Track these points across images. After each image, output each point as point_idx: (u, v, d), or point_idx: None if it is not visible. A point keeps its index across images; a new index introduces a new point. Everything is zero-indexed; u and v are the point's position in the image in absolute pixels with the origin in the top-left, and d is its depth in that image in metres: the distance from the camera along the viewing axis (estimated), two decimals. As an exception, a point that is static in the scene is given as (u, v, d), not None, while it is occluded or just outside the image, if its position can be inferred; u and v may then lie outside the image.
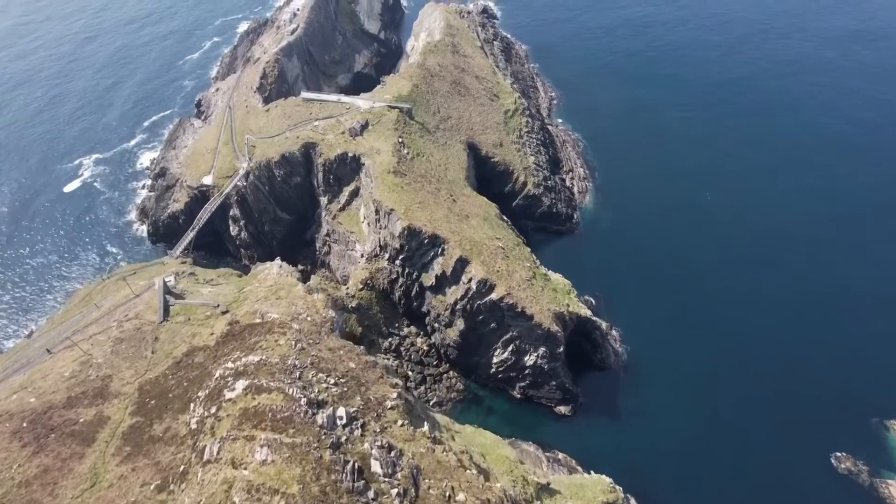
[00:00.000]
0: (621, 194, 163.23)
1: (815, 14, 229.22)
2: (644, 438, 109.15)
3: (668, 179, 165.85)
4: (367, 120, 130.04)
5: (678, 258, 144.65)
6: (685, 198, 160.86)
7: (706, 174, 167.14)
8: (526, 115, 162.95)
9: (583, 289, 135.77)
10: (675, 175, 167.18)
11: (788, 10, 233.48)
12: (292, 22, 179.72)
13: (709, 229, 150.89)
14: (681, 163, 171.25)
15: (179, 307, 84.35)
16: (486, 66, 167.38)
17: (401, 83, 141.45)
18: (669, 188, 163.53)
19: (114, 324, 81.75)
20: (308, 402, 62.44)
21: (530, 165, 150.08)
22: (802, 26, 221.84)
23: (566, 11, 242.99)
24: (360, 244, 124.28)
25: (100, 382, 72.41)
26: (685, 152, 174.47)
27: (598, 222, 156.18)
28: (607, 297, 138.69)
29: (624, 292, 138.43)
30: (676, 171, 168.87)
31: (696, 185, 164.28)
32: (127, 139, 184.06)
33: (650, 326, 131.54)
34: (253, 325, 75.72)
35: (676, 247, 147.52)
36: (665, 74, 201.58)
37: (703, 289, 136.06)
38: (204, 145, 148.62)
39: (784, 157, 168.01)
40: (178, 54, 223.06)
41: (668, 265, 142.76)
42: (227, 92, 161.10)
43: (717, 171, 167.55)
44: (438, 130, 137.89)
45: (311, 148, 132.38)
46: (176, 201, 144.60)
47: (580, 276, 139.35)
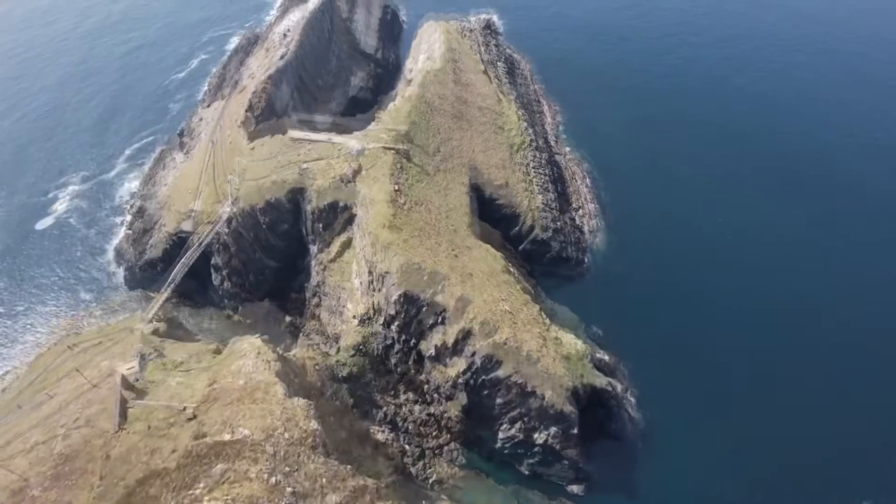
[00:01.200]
0: (634, 232, 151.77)
1: (828, 28, 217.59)
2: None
3: (683, 216, 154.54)
4: (361, 164, 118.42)
5: (698, 306, 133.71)
6: (703, 236, 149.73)
7: (724, 206, 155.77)
8: (532, 147, 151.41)
9: (595, 341, 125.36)
10: (691, 211, 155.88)
11: (803, 24, 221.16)
12: (283, 43, 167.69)
13: (732, 272, 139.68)
14: (696, 195, 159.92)
15: (139, 409, 73.14)
16: (489, 94, 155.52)
17: (398, 119, 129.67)
18: (685, 225, 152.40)
19: (61, 431, 70.60)
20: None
21: (538, 206, 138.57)
22: (816, 40, 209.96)
23: (570, 23, 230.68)
24: (351, 303, 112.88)
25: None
26: (700, 181, 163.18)
27: (610, 265, 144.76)
28: (622, 350, 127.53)
29: (640, 346, 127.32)
30: (692, 205, 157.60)
31: (713, 219, 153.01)
32: (106, 169, 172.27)
33: (668, 386, 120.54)
34: (222, 442, 64.41)
35: (695, 293, 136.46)
36: (677, 92, 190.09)
37: (727, 342, 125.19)
38: (184, 184, 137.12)
39: (816, 184, 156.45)
40: (164, 72, 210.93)
41: (687, 314, 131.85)
42: (211, 123, 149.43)
43: (736, 203, 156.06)
44: (439, 172, 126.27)
45: (299, 194, 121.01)
46: (153, 247, 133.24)
47: (592, 328, 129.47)
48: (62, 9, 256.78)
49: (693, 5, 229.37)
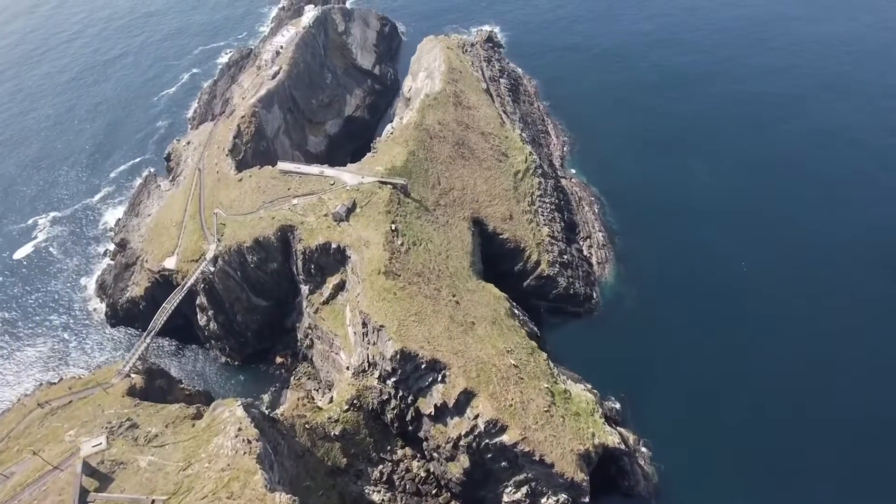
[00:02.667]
0: (645, 264, 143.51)
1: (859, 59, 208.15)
2: None
3: (696, 245, 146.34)
4: (355, 200, 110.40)
5: (712, 344, 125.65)
6: (718, 268, 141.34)
7: (741, 237, 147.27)
8: (538, 174, 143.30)
9: (605, 386, 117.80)
10: (705, 239, 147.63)
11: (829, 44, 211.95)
12: (274, 62, 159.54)
13: (747, 307, 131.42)
14: (710, 222, 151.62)
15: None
16: (492, 117, 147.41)
17: (395, 150, 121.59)
18: (699, 256, 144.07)
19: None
20: None
21: (544, 240, 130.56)
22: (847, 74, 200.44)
23: (574, 37, 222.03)
24: (345, 352, 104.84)
25: None
26: (715, 209, 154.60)
27: (620, 301, 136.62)
28: (634, 395, 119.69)
29: (652, 390, 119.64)
30: (706, 232, 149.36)
31: (729, 250, 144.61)
32: (90, 193, 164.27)
33: (683, 434, 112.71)
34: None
35: (710, 329, 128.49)
36: (690, 115, 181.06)
37: (745, 385, 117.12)
38: (169, 216, 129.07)
39: (836, 212, 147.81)
40: (153, 88, 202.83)
41: (701, 354, 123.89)
42: (199, 148, 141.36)
43: (754, 234, 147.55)
44: (439, 207, 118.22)
45: (289, 231, 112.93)
46: (136, 284, 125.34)
47: (601, 371, 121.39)
48: (49, 21, 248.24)
49: (711, 25, 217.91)
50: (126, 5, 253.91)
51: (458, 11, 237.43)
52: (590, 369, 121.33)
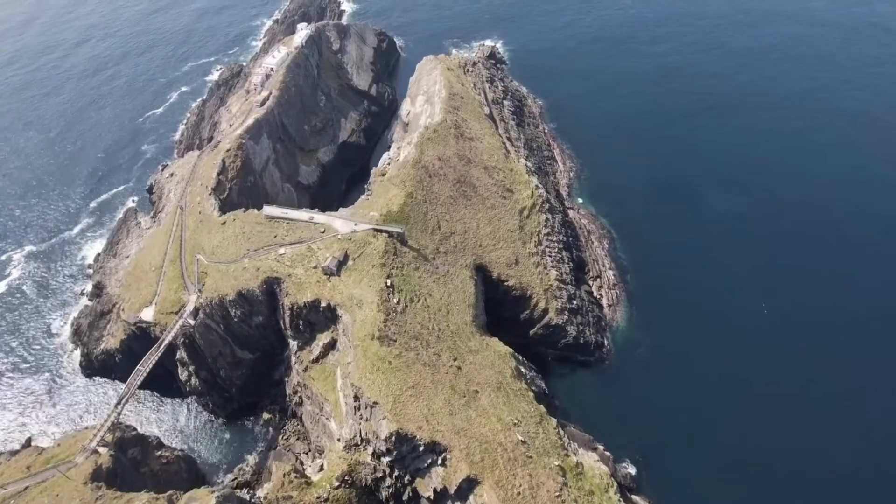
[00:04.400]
0: (659, 305, 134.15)
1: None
2: None
3: (713, 284, 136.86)
4: (347, 251, 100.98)
5: (734, 397, 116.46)
6: (737, 310, 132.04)
7: (761, 275, 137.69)
8: (545, 209, 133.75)
9: (619, 447, 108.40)
10: (723, 278, 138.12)
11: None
12: (263, 87, 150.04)
13: (770, 354, 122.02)
14: (728, 259, 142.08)
15: None
16: (496, 148, 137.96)
17: (391, 193, 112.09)
18: (716, 296, 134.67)
19: None
20: None
21: (552, 284, 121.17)
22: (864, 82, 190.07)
23: (579, 51, 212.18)
24: (336, 422, 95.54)
25: None
26: (733, 245, 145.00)
27: (633, 348, 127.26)
28: (650, 457, 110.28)
29: (670, 451, 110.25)
30: (723, 270, 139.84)
31: (749, 290, 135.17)
32: (68, 225, 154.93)
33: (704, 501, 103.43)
34: None
35: (730, 381, 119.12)
36: (707, 142, 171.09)
37: (772, 445, 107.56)
38: (148, 259, 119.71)
39: (863, 253, 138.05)
40: (139, 108, 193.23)
41: (722, 408, 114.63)
42: (181, 183, 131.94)
43: (775, 272, 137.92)
44: (439, 255, 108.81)
45: (276, 284, 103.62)
46: (111, 335, 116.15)
47: (615, 428, 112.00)
48: (35, 39, 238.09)
49: (729, 48, 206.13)
50: (111, 20, 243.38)
51: (459, 25, 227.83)
52: (602, 427, 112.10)
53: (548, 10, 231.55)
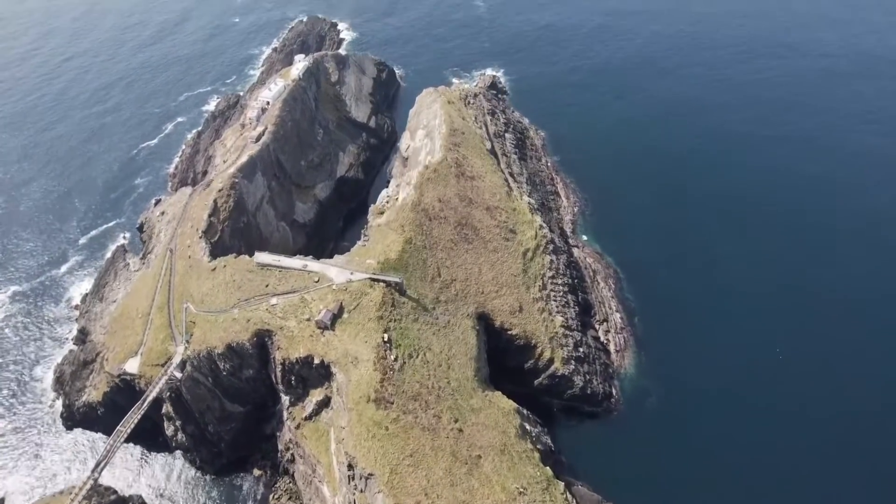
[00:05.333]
0: (669, 350, 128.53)
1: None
2: None
3: (725, 327, 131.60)
4: (342, 303, 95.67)
5: (750, 449, 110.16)
6: (750, 354, 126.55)
7: (775, 317, 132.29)
8: (549, 250, 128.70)
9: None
10: (735, 320, 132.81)
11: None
12: (259, 121, 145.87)
13: (786, 402, 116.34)
14: (739, 299, 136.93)
15: None
16: (498, 186, 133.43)
17: (389, 239, 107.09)
18: (728, 340, 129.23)
19: None
20: None
21: (557, 332, 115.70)
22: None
23: (581, 82, 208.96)
24: (329, 488, 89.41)
25: None
26: (744, 284, 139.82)
27: (642, 397, 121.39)
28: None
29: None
30: (735, 312, 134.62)
31: (762, 333, 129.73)
32: (56, 263, 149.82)
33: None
34: None
35: (745, 431, 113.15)
36: (712, 176, 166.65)
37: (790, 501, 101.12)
38: (135, 305, 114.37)
39: (883, 294, 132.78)
40: (134, 140, 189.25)
41: (738, 463, 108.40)
42: (172, 222, 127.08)
43: (788, 314, 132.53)
44: (439, 304, 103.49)
45: (267, 337, 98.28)
46: (94, 387, 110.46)
47: (624, 486, 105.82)
48: (28, 65, 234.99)
49: (740, 80, 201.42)
50: (105, 48, 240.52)
51: (460, 54, 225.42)
52: (611, 485, 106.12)
53: (551, 41, 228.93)
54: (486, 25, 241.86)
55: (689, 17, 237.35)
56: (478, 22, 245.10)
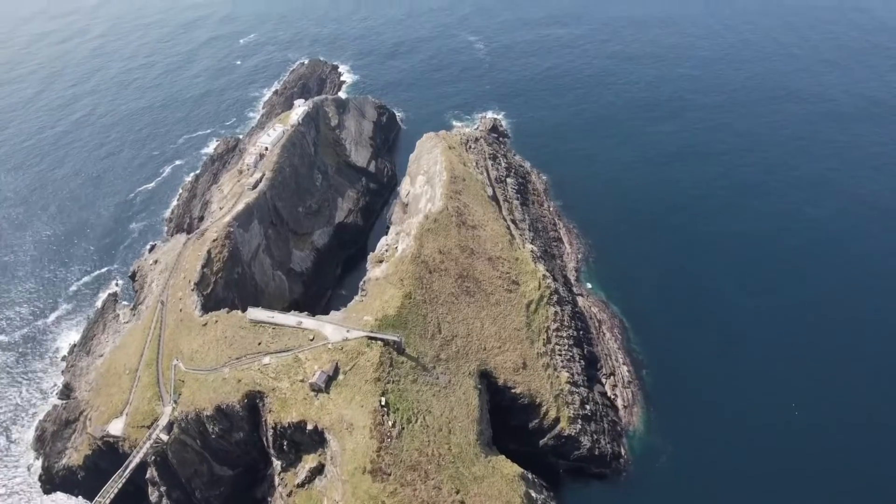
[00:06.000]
0: (678, 405, 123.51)
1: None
2: None
3: (737, 381, 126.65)
4: (337, 364, 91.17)
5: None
6: (765, 410, 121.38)
7: (789, 372, 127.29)
8: (553, 301, 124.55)
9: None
10: (747, 373, 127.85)
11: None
12: (257, 167, 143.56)
13: (805, 462, 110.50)
14: (751, 351, 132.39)
15: None
16: (500, 235, 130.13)
17: (387, 293, 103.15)
18: (741, 394, 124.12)
19: None
20: None
21: (563, 388, 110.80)
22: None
23: (584, 126, 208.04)
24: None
25: None
26: (756, 336, 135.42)
27: (652, 457, 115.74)
28: None
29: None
30: (747, 365, 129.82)
31: (777, 388, 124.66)
32: (44, 312, 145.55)
33: None
34: None
35: (762, 494, 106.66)
36: (717, 222, 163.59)
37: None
38: (123, 361, 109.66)
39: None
40: (131, 183, 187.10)
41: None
42: (165, 272, 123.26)
43: (803, 367, 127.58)
44: (439, 363, 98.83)
45: (258, 398, 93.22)
46: (75, 449, 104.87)
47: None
48: (33, 108, 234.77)
49: (744, 126, 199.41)
50: (109, 90, 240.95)
51: (460, 97, 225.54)
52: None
53: (553, 85, 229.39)
54: (487, 69, 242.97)
55: (691, 61, 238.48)
56: (479, 65, 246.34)
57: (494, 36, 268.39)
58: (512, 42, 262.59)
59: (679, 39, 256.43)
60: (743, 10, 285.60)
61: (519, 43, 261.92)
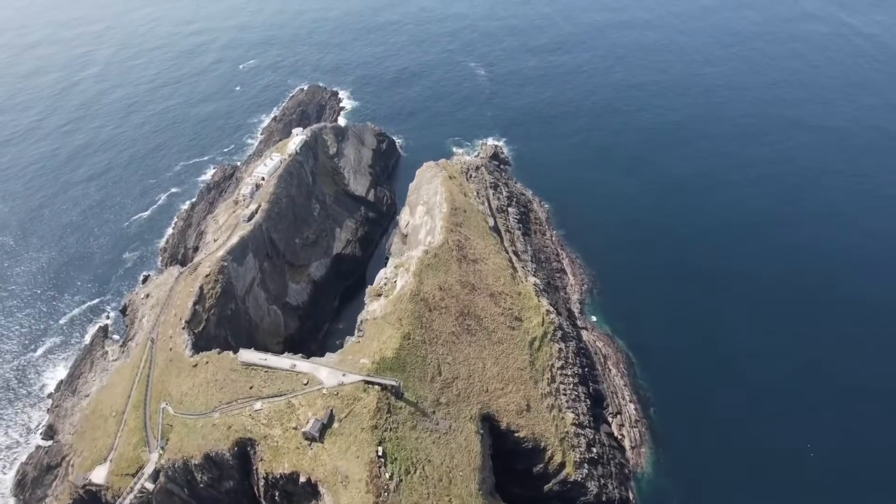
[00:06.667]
0: (688, 446, 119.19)
1: None
2: None
3: (749, 420, 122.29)
4: (332, 410, 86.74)
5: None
6: (779, 452, 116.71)
7: (804, 411, 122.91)
8: (557, 337, 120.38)
9: None
10: (760, 412, 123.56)
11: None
12: (253, 198, 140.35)
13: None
14: (764, 388, 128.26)
15: None
16: (502, 268, 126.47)
17: (385, 334, 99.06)
18: (753, 435, 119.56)
19: None
20: None
21: (568, 431, 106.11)
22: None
23: (588, 155, 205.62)
24: None
25: None
26: (769, 372, 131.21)
27: (662, 501, 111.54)
28: None
29: None
30: (760, 402, 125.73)
31: (791, 429, 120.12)
32: (31, 345, 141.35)
33: None
34: None
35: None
36: (724, 255, 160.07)
37: None
38: (109, 402, 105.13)
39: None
40: (125, 211, 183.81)
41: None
42: (156, 308, 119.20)
43: (819, 407, 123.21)
44: (440, 407, 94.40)
45: (250, 446, 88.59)
46: (55, 498, 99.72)
47: None
48: (26, 134, 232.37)
49: (752, 156, 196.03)
50: (102, 114, 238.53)
51: (461, 123, 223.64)
52: None
53: (555, 113, 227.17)
54: (489, 96, 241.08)
55: (696, 90, 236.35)
56: (480, 93, 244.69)
57: (497, 63, 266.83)
58: (515, 69, 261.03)
59: (683, 67, 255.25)
60: (749, 36, 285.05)
61: (522, 69, 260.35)
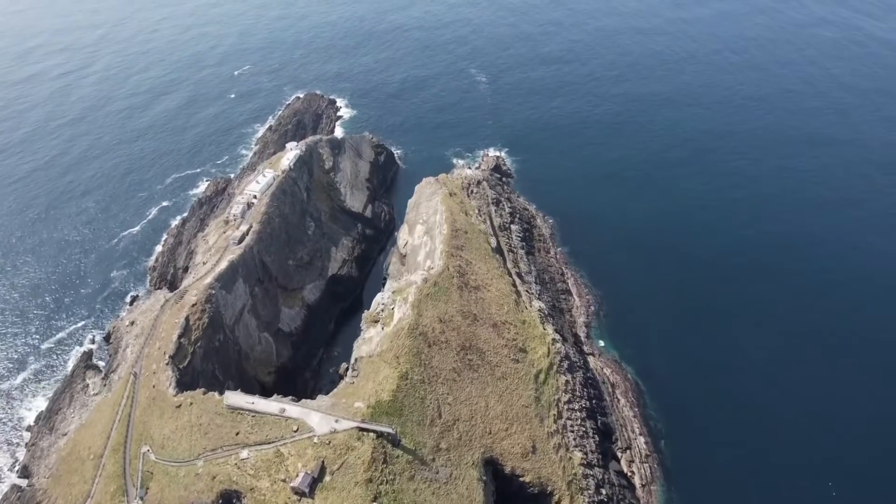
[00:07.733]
0: (701, 484, 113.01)
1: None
2: None
3: (765, 454, 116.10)
4: (323, 462, 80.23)
5: None
6: (798, 491, 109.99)
7: (821, 444, 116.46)
8: (563, 369, 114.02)
9: None
10: (777, 445, 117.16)
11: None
12: (244, 219, 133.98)
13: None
14: (778, 417, 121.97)
15: None
16: (505, 293, 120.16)
17: (381, 374, 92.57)
18: (770, 471, 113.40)
19: None
20: None
21: (576, 473, 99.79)
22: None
23: (586, 156, 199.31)
24: None
25: None
26: (782, 401, 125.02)
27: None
28: None
29: None
30: (775, 434, 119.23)
31: (810, 465, 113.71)
32: (12, 372, 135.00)
33: None
34: None
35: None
36: (735, 273, 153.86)
37: None
38: (88, 443, 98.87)
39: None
40: (114, 227, 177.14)
41: None
42: (141, 337, 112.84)
43: (838, 439, 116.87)
44: (440, 453, 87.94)
45: (235, 498, 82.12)
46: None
47: None
48: (20, 145, 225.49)
49: (763, 170, 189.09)
50: (84, 122, 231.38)
51: (462, 133, 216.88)
52: None
53: (558, 125, 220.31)
54: (492, 105, 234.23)
55: (704, 102, 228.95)
56: (483, 101, 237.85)
57: (503, 70, 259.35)
58: (522, 76, 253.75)
59: (692, 78, 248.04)
60: (759, 43, 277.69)
61: (528, 77, 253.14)
